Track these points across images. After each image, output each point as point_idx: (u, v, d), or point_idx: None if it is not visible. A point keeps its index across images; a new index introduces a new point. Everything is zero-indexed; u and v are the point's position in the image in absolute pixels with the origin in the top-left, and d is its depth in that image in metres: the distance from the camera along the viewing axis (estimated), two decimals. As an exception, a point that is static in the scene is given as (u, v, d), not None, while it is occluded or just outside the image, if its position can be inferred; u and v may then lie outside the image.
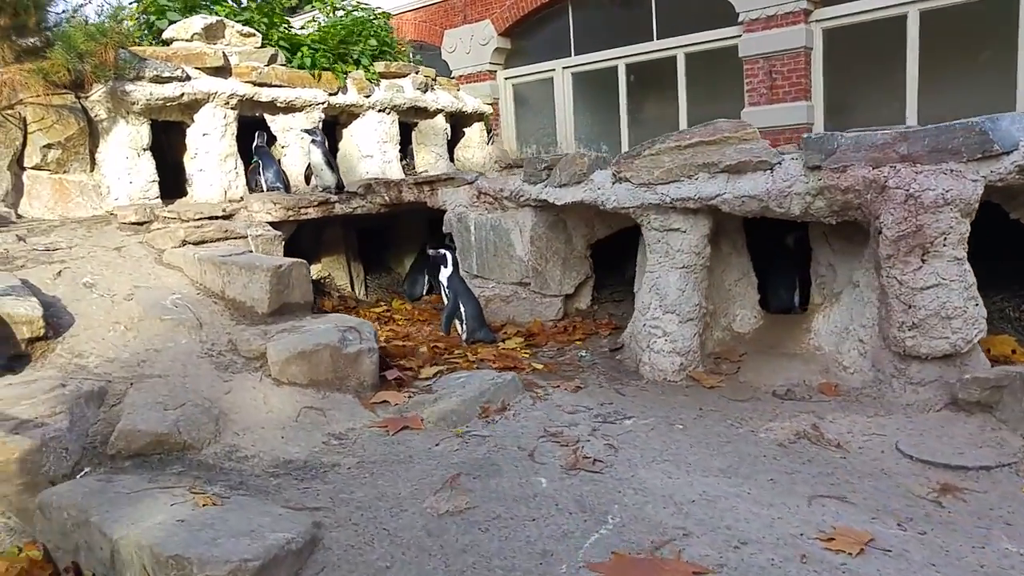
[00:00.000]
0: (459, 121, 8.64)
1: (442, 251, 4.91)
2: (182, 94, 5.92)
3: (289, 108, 6.77)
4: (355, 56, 7.34)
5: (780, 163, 3.54)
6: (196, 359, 3.50)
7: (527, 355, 4.50)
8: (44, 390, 2.84)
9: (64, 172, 5.52)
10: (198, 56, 6.06)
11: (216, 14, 6.43)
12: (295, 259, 4.04)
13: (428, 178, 5.65)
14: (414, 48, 9.25)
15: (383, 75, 7.52)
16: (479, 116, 8.91)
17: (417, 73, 7.84)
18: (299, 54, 6.73)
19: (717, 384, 3.77)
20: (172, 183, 6.10)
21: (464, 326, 4.79)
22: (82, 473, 2.66)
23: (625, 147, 7.85)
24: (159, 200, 5.88)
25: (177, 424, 2.82)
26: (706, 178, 3.74)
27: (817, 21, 7.84)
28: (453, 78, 9.67)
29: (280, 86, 6.55)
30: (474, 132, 9.02)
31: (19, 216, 5.23)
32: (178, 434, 2.79)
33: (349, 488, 2.61)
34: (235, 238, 4.88)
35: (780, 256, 4.48)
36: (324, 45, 6.94)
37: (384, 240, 7.48)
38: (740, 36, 8.26)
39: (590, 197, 4.27)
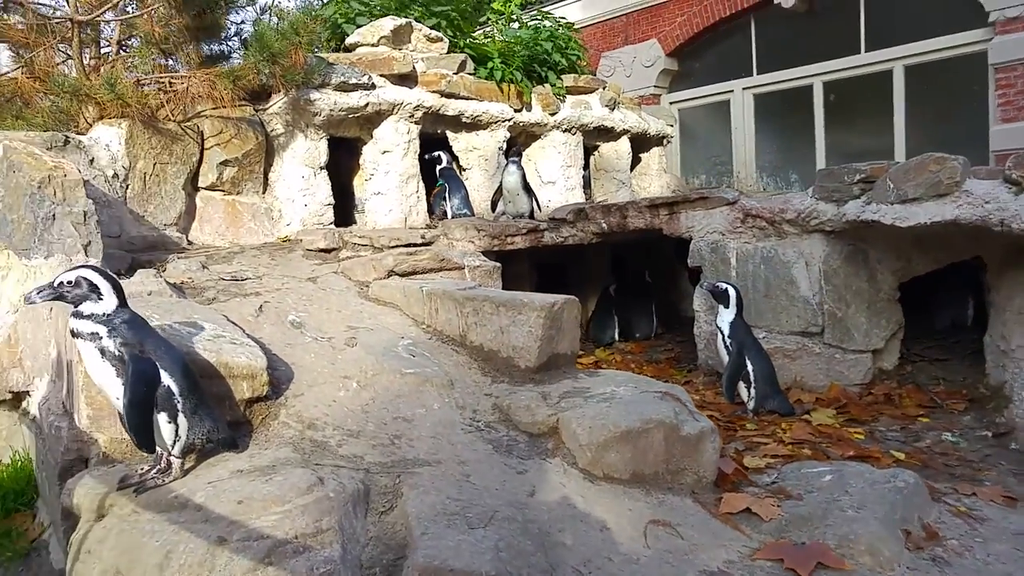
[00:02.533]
0: (638, 145, 7.59)
1: (722, 285, 3.72)
2: (366, 104, 5.10)
3: (474, 125, 5.88)
4: (542, 71, 6.41)
5: None
6: (462, 434, 2.45)
7: (860, 436, 3.25)
8: (296, 489, 1.83)
9: (237, 193, 4.74)
10: (384, 62, 5.25)
11: (408, 15, 5.62)
12: (565, 296, 2.97)
13: (668, 199, 4.55)
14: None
15: (570, 90, 6.57)
16: (659, 140, 7.84)
17: (604, 88, 6.85)
18: (488, 65, 5.84)
19: None
20: (337, 208, 5.25)
21: (752, 390, 3.59)
22: (366, 638, 1.60)
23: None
24: (333, 226, 5.05)
25: (500, 558, 1.74)
26: None
27: (1101, 17, 6.43)
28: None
29: (468, 98, 5.67)
30: (652, 158, 7.96)
31: (189, 242, 4.45)
32: None
33: None
34: (450, 268, 3.89)
35: None
36: (512, 56, 6.04)
37: (564, 278, 6.43)
38: (991, 40, 6.90)
39: (972, 215, 3.05)
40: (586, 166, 7.11)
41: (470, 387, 2.78)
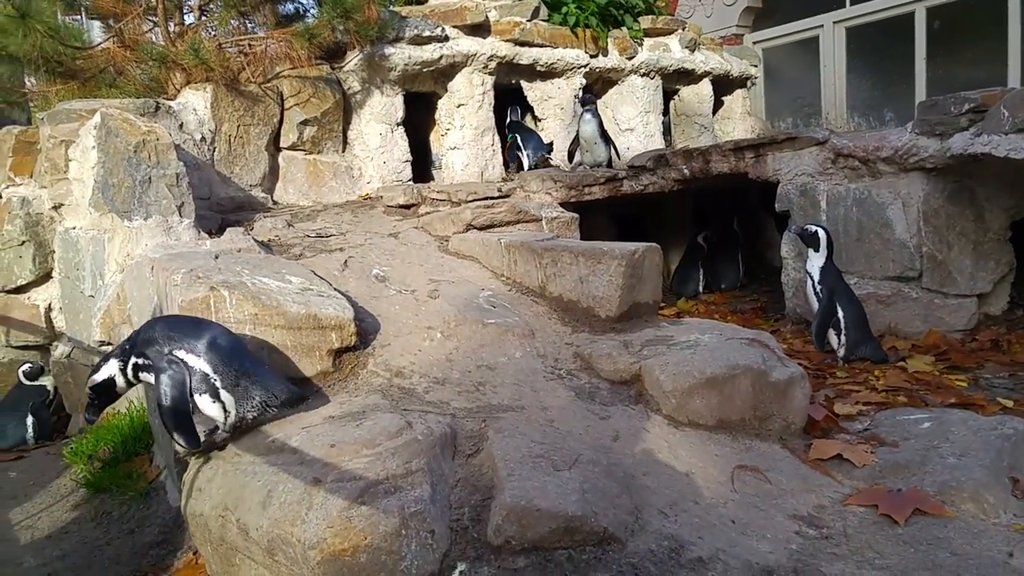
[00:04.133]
0: (720, 88, 7.28)
1: (812, 227, 3.55)
2: (440, 57, 5.08)
3: (549, 73, 5.78)
4: (618, 14, 6.20)
5: None
6: (544, 382, 2.47)
7: (962, 383, 3.09)
8: (386, 432, 1.89)
9: (318, 152, 4.84)
10: (457, 12, 5.20)
11: (478, -40, 5.53)
12: (647, 243, 2.92)
13: (753, 141, 4.37)
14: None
15: (647, 32, 6.34)
16: (742, 82, 7.50)
17: (684, 29, 6.58)
18: (562, 10, 5.70)
19: None
20: (415, 164, 5.28)
21: (842, 337, 3.45)
22: (457, 574, 1.66)
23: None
24: (412, 182, 5.10)
25: (585, 499, 1.75)
26: None
27: None
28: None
29: (542, 46, 5.57)
30: (735, 101, 7.63)
31: (275, 202, 4.60)
32: (593, 517, 1.71)
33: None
34: (527, 221, 3.88)
35: None
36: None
37: (643, 229, 6.31)
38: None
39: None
40: (666, 112, 6.89)
41: (551, 336, 2.78)
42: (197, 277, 2.34)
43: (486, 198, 4.33)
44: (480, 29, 5.30)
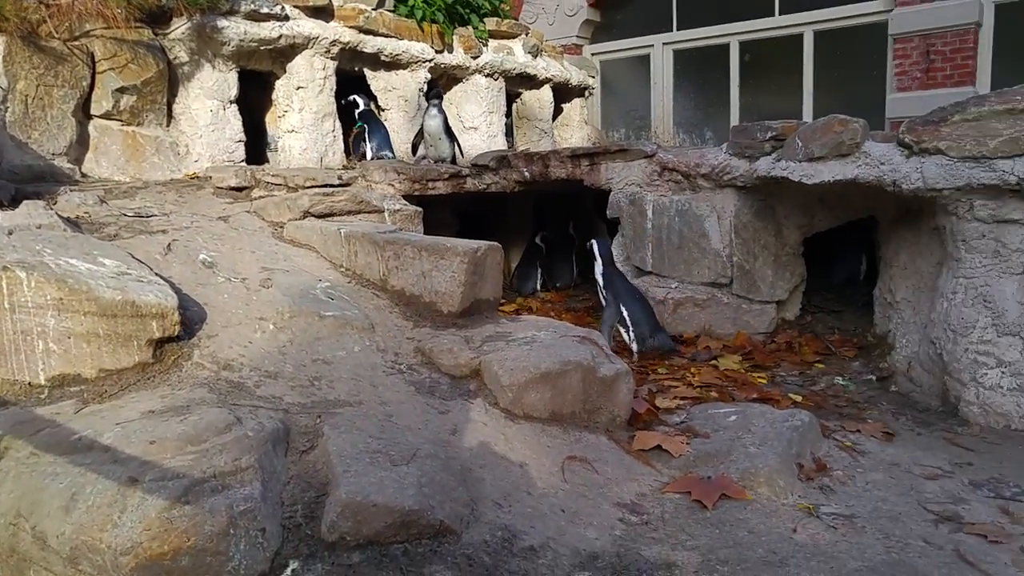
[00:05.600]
0: (560, 95, 7.58)
1: (589, 243, 3.97)
2: (279, 36, 4.86)
3: (394, 64, 5.71)
4: (465, 12, 6.25)
5: None
6: (384, 376, 2.44)
7: (763, 380, 3.45)
8: (213, 428, 1.78)
9: (138, 124, 4.45)
10: (298, -8, 4.99)
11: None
12: (490, 242, 2.97)
13: (589, 150, 4.58)
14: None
15: (492, 34, 6.46)
16: (581, 91, 7.86)
17: (527, 35, 6.78)
18: (409, 2, 5.65)
19: (1097, 439, 2.73)
20: (248, 145, 5.01)
21: (631, 334, 3.76)
22: (288, 573, 1.60)
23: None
24: (245, 163, 4.83)
25: (423, 492, 1.76)
26: (1083, 152, 2.69)
27: (991, -6, 6.80)
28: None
29: (387, 36, 5.50)
30: (574, 109, 7.99)
31: (83, 175, 4.16)
32: (430, 510, 1.72)
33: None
34: (369, 212, 3.81)
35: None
36: (435, -6, 5.86)
37: (486, 226, 6.42)
38: (891, 11, 7.20)
39: (870, 175, 3.22)
40: (508, 113, 7.05)
41: (391, 331, 2.76)
42: (-14, 255, 2.07)
43: (326, 185, 4.19)
44: (323, 12, 5.13)
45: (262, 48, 4.84)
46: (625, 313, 3.84)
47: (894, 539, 1.95)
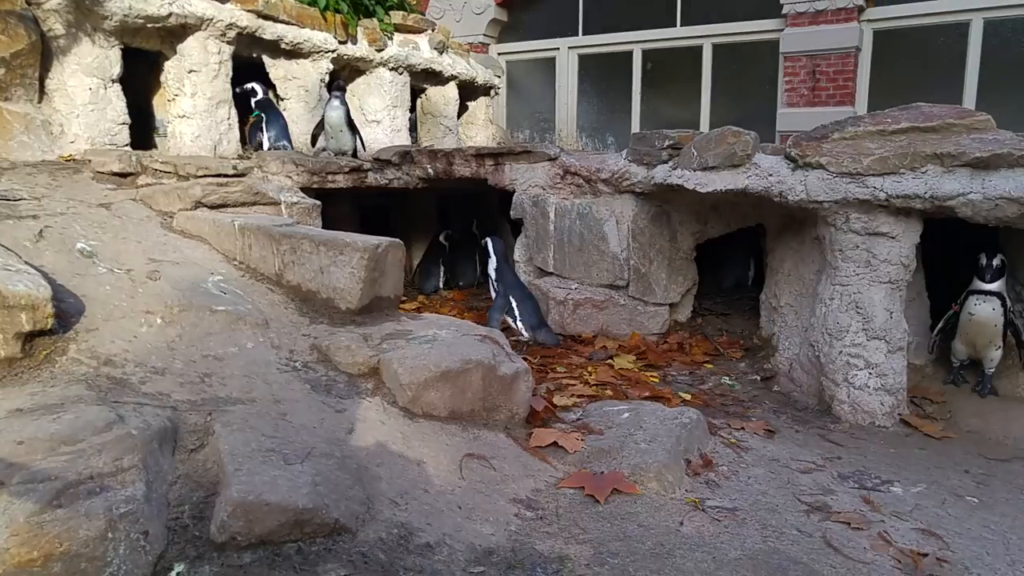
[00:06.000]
0: (465, 93, 7.59)
1: (484, 241, 4.17)
2: (169, 15, 4.62)
3: (295, 52, 5.55)
4: (370, 4, 6.15)
5: (1055, 159, 2.80)
6: (278, 374, 2.38)
7: (655, 379, 3.58)
8: (91, 427, 1.68)
9: (5, 99, 4.11)
10: (194, -30, 4.76)
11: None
12: (391, 238, 2.95)
13: (493, 150, 4.61)
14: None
15: (398, 28, 6.39)
16: (486, 90, 7.90)
17: (434, 30, 6.74)
18: (312, -11, 5.50)
19: (944, 434, 3.00)
20: (134, 130, 4.75)
21: (519, 324, 3.91)
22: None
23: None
24: (129, 148, 4.57)
25: (317, 491, 1.73)
26: (939, 172, 2.96)
27: (868, 21, 7.33)
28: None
29: (288, 23, 5.33)
30: (479, 108, 8.01)
31: (-59, 152, 3.82)
32: (325, 509, 1.70)
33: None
34: (265, 204, 3.69)
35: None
36: (340, -17, 5.74)
37: (388, 222, 6.36)
38: (783, 30, 7.65)
39: (759, 185, 3.41)
40: (412, 109, 6.99)
41: (287, 327, 2.69)
42: None
43: (220, 175, 4.03)
44: (220, -8, 4.91)
45: (149, 26, 4.58)
46: (514, 304, 4.01)
47: (771, 529, 2.08)
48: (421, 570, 1.69)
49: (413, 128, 7.13)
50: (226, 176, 4.06)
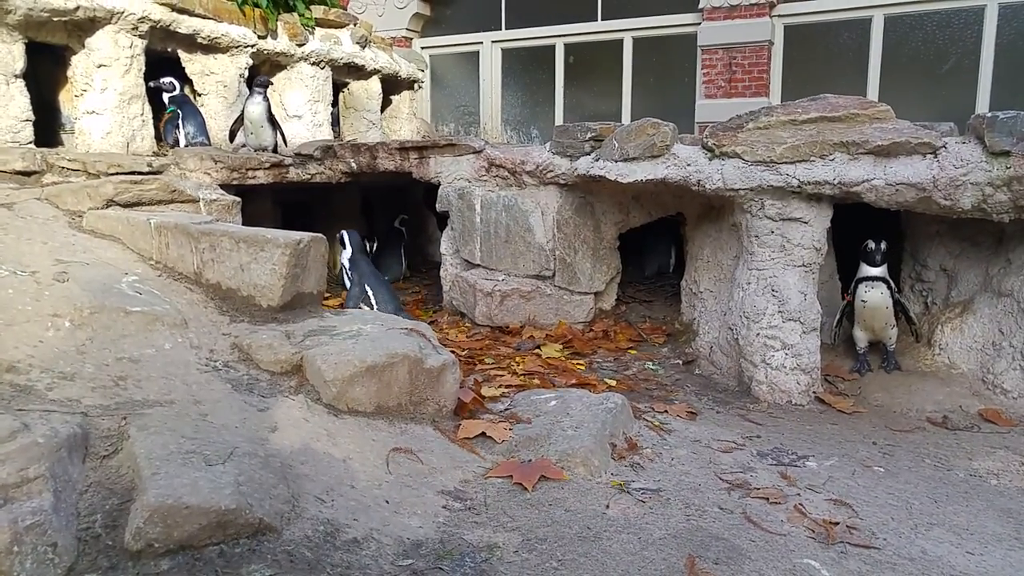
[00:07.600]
0: (389, 87, 7.52)
1: (339, 233, 4.49)
2: (77, 8, 4.41)
3: (212, 47, 5.38)
4: (290, -2, 6.02)
5: (944, 147, 2.99)
6: (198, 374, 2.32)
7: (581, 366, 3.65)
8: (-6, 438, 1.61)
9: None
10: (100, -41, 4.55)
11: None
12: (313, 233, 2.90)
13: (417, 143, 4.59)
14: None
15: (319, 22, 6.28)
16: (410, 84, 7.83)
17: (356, 25, 6.65)
18: (229, -20, 5.34)
19: (855, 409, 3.17)
20: (38, 126, 4.52)
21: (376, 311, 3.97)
22: (85, 589, 1.49)
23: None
24: (33, 145, 4.35)
25: (240, 491, 1.70)
26: (846, 160, 3.12)
27: (779, 16, 7.62)
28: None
29: (204, 17, 5.17)
30: (403, 102, 7.94)
31: None
32: (249, 509, 1.67)
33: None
34: (183, 201, 3.58)
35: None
36: (258, -25, 5.59)
37: (310, 218, 6.24)
38: (700, 24, 7.87)
39: (678, 175, 3.51)
40: (335, 103, 6.87)
41: (206, 326, 2.62)
42: None
43: (133, 172, 3.88)
44: (130, -17, 4.71)
45: (56, 19, 4.37)
46: (370, 292, 4.21)
47: (694, 508, 2.16)
48: (348, 565, 1.68)
49: (336, 123, 7.01)
50: (140, 174, 3.91)
